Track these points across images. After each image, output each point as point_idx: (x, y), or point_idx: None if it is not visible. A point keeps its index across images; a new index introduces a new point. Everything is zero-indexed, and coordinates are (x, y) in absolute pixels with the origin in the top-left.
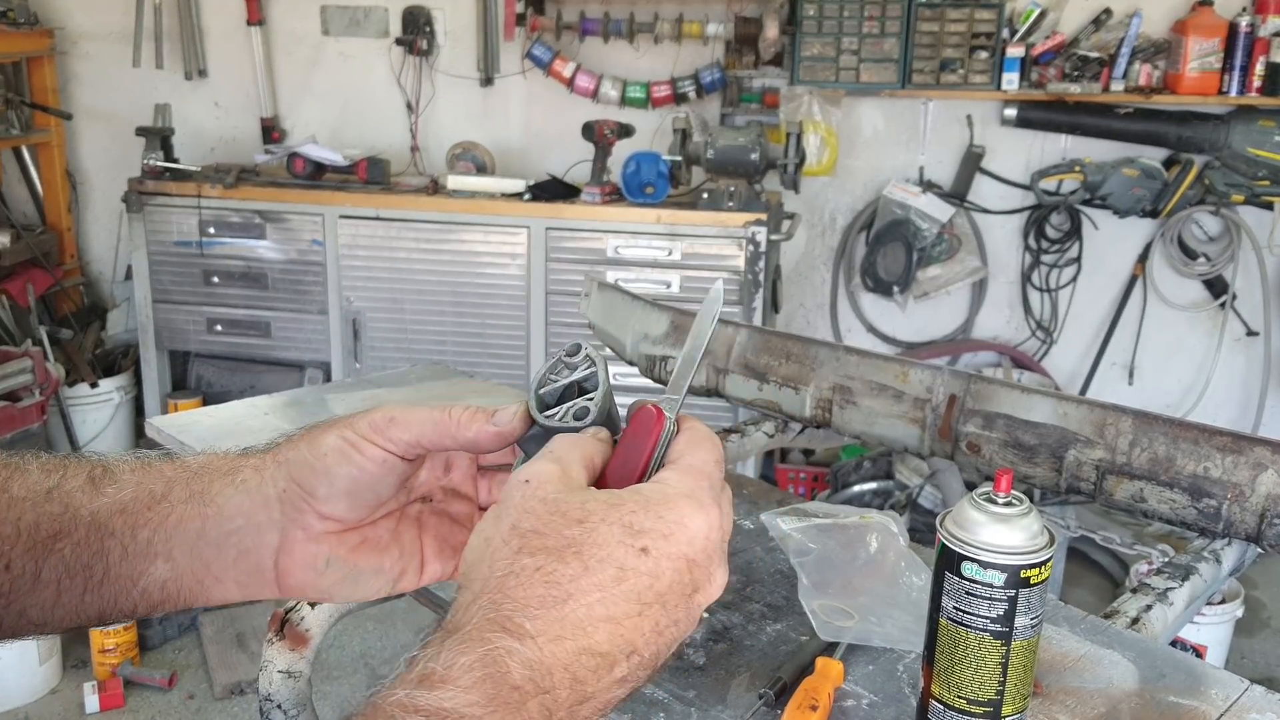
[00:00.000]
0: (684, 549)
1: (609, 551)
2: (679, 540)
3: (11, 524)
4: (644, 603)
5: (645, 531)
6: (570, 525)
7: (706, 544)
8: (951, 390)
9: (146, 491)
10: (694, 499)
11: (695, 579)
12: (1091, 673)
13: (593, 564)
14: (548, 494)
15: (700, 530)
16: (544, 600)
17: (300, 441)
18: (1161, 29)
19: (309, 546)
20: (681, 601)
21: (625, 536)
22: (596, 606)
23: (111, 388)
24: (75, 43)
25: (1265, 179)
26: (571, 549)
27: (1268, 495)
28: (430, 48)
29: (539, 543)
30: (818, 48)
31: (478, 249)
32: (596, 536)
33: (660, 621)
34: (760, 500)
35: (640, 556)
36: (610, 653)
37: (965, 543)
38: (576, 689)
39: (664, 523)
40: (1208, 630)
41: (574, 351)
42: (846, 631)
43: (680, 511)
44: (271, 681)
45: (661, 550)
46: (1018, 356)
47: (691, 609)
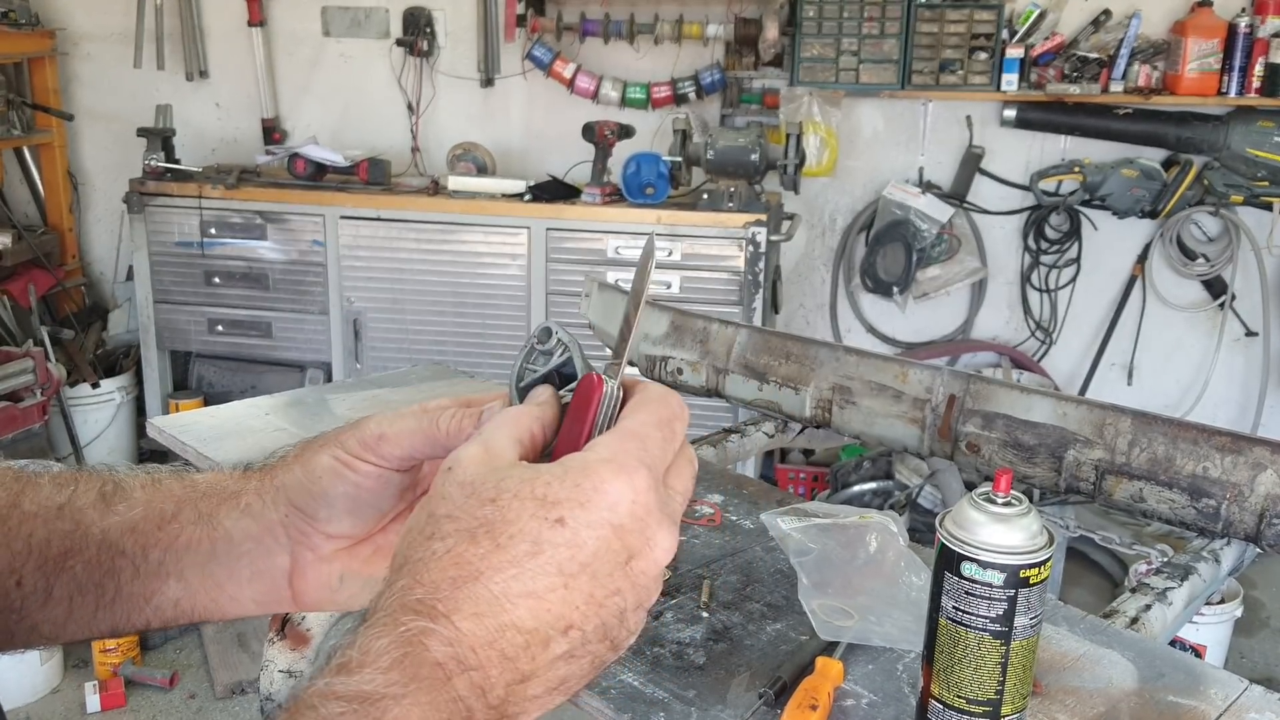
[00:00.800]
0: (605, 515)
1: (521, 526)
2: (597, 507)
3: (23, 540)
4: (567, 574)
5: (559, 502)
6: (483, 505)
7: (634, 508)
8: (951, 390)
9: (156, 511)
10: (614, 463)
11: (628, 545)
12: (1091, 672)
13: (504, 540)
14: (465, 477)
15: (624, 495)
16: (455, 581)
17: (294, 464)
18: (1161, 30)
19: (320, 567)
20: (616, 570)
21: (538, 509)
22: (512, 582)
23: (113, 388)
24: (77, 44)
25: (1264, 179)
26: (483, 528)
27: (1266, 495)
28: (431, 49)
29: (451, 526)
30: (817, 49)
31: (478, 249)
32: (508, 514)
33: (594, 592)
34: (760, 500)
35: (555, 528)
36: (537, 629)
37: (965, 542)
38: (509, 667)
39: (580, 491)
40: (1207, 630)
41: (545, 337)
42: (846, 631)
43: (598, 478)
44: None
45: (579, 519)
46: (1017, 357)
47: (634, 576)
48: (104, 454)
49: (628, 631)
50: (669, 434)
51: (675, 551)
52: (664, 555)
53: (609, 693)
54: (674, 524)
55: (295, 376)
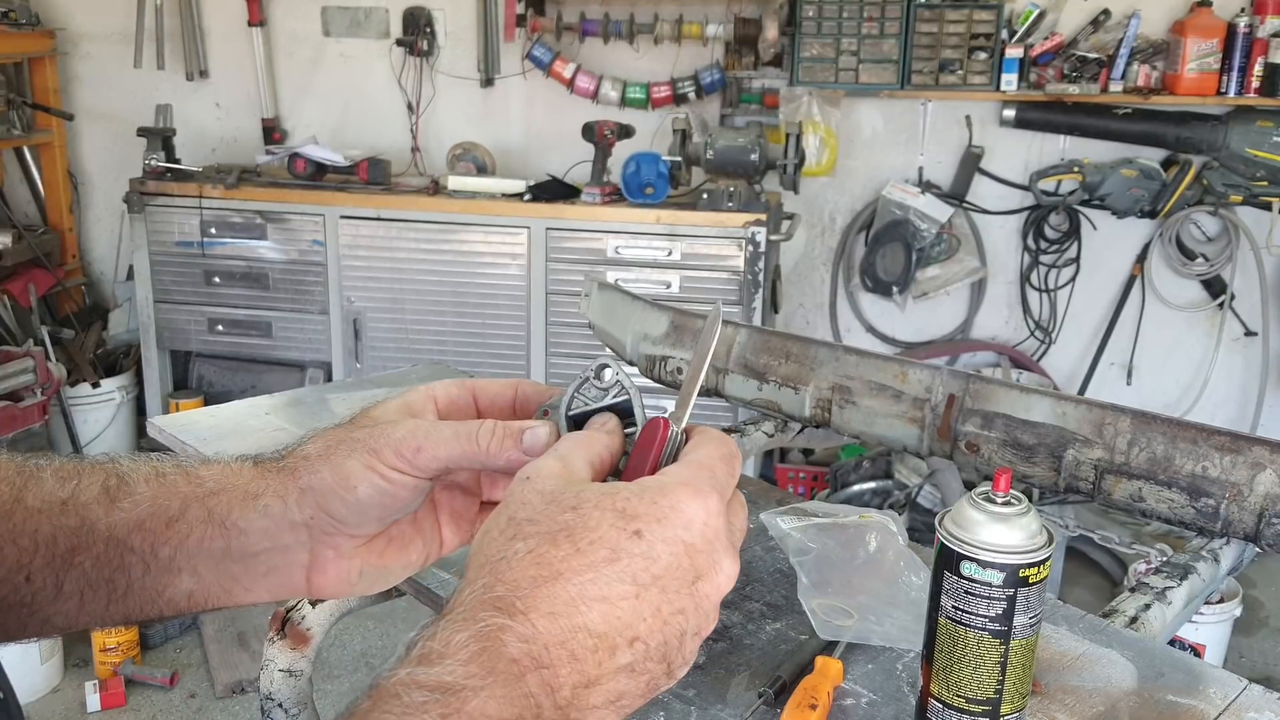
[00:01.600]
0: (680, 533)
1: (601, 534)
2: (674, 524)
3: (29, 536)
4: (640, 584)
5: (639, 516)
6: (564, 511)
7: (705, 530)
8: (950, 390)
9: (162, 508)
10: (690, 486)
11: (697, 565)
12: (1090, 671)
13: (584, 545)
14: (545, 487)
15: (697, 515)
16: (535, 580)
17: (322, 467)
18: (1160, 30)
19: (341, 563)
20: (684, 588)
21: (618, 520)
22: (589, 586)
23: (113, 387)
24: (77, 43)
25: (1263, 179)
26: (564, 532)
27: (1266, 495)
28: (431, 49)
29: (532, 529)
30: (817, 48)
31: (478, 249)
32: (589, 520)
33: (661, 607)
34: (760, 500)
35: (633, 539)
36: (607, 634)
37: (964, 542)
38: (577, 669)
39: (658, 508)
40: (1206, 629)
41: (601, 371)
42: (846, 630)
43: (675, 497)
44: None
45: (655, 534)
46: (1016, 356)
47: (698, 597)
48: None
49: (683, 659)
50: (730, 469)
51: (735, 581)
52: (727, 581)
53: None
54: (737, 554)
55: (295, 376)
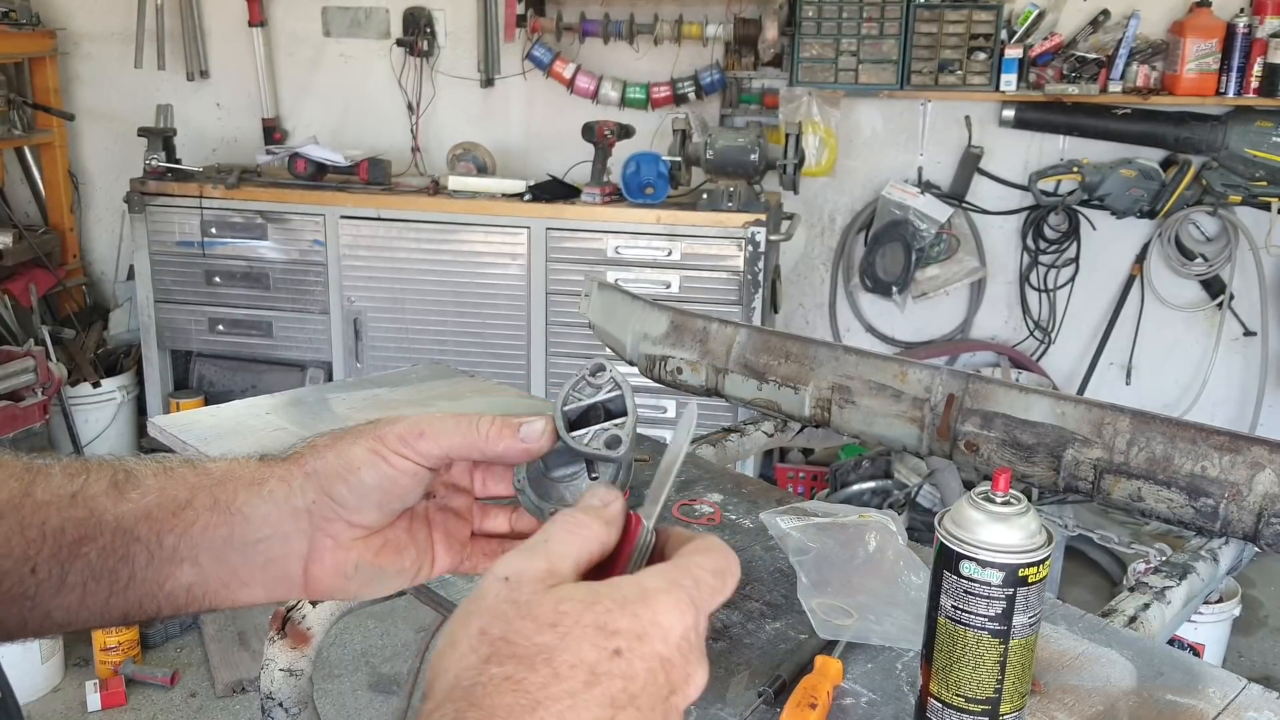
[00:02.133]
0: (659, 648)
1: (580, 655)
2: (653, 640)
3: (36, 528)
4: (617, 706)
5: (619, 632)
6: (542, 631)
7: (682, 644)
8: (950, 390)
9: (170, 498)
10: (671, 596)
11: (671, 679)
12: (1089, 671)
13: (563, 670)
14: (522, 596)
15: (675, 629)
16: (511, 709)
17: (327, 452)
18: (1159, 30)
19: (338, 554)
20: (658, 704)
21: (598, 638)
22: (567, 713)
23: (113, 387)
24: (77, 43)
25: (1263, 179)
26: (542, 656)
27: (1265, 494)
28: (431, 49)
29: (508, 650)
30: (817, 49)
31: (478, 249)
32: (569, 641)
33: None
34: (759, 499)
35: (613, 659)
36: None
37: (964, 542)
38: None
39: (639, 621)
40: (1205, 629)
41: (597, 371)
42: (845, 630)
43: (656, 609)
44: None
45: (635, 651)
46: (1016, 356)
47: (668, 711)
48: (105, 453)
49: None
50: (720, 585)
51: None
52: (695, 691)
53: None
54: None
55: (296, 376)
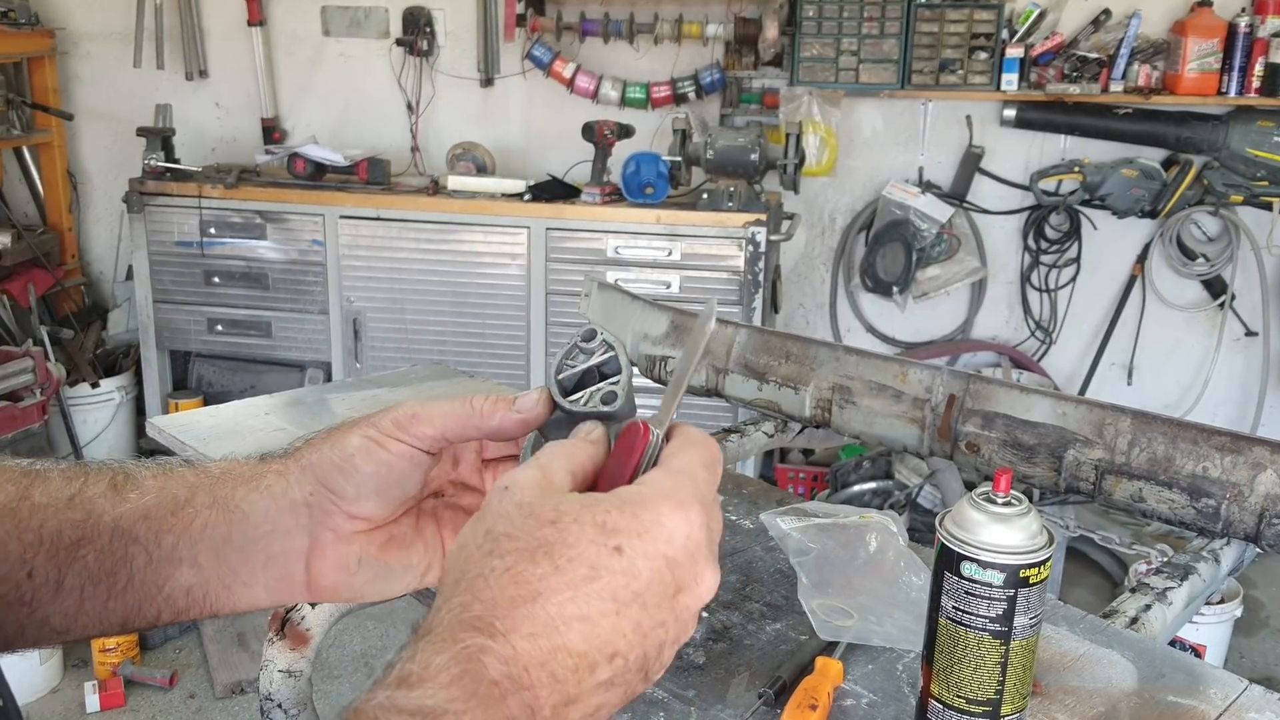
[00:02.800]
0: (661, 548)
1: (580, 550)
2: (655, 539)
3: (34, 531)
4: (620, 601)
5: (619, 530)
6: (542, 526)
7: (687, 543)
8: (951, 390)
9: (169, 497)
10: (672, 498)
11: (678, 579)
12: (1090, 672)
13: (563, 563)
14: (523, 499)
15: (679, 529)
16: (513, 600)
17: (323, 444)
18: (1160, 30)
19: (340, 547)
20: (665, 602)
21: (598, 535)
22: (568, 605)
23: (112, 388)
24: (76, 43)
25: (1264, 179)
26: (542, 549)
27: (1266, 495)
28: (430, 48)
29: (510, 545)
30: (817, 48)
31: (478, 249)
32: (568, 536)
33: (642, 622)
34: (760, 500)
35: (613, 555)
36: (587, 653)
37: (964, 542)
38: (557, 689)
39: (639, 521)
40: (1207, 630)
41: (589, 337)
42: (846, 631)
43: (657, 510)
44: (272, 681)
45: (636, 549)
46: (1017, 356)
47: (678, 610)
48: (103, 454)
49: (661, 665)
50: (712, 476)
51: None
52: (707, 592)
53: None
54: (717, 562)
55: (295, 376)
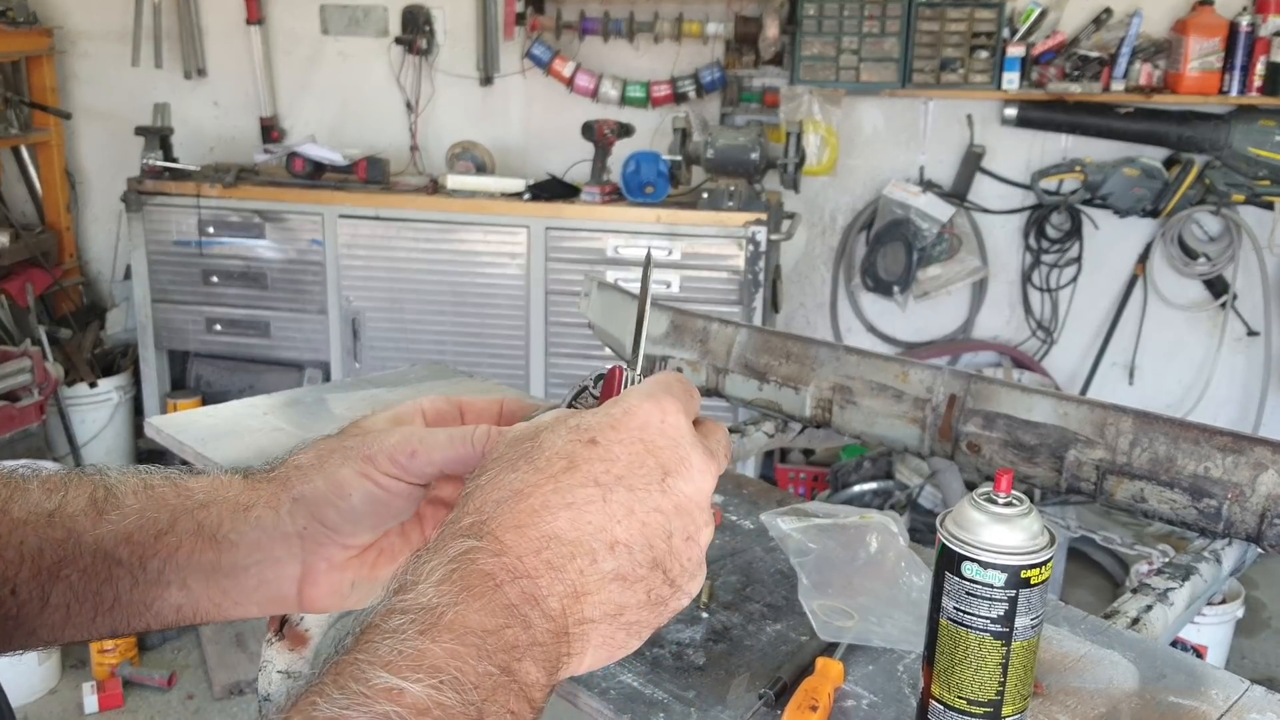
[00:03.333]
0: (635, 433)
1: (557, 449)
2: (627, 427)
3: (14, 548)
4: (603, 485)
5: (591, 427)
6: (523, 442)
7: (664, 426)
8: (951, 390)
9: (150, 520)
10: (641, 392)
11: (662, 462)
12: (1092, 673)
13: (541, 463)
14: (512, 435)
15: (652, 416)
16: (497, 502)
17: (315, 475)
18: (1162, 28)
19: (334, 575)
20: (652, 484)
21: (572, 435)
22: (551, 496)
23: (110, 387)
24: (74, 42)
25: (1266, 179)
26: (523, 458)
27: (1268, 495)
28: (430, 47)
29: (493, 464)
30: (818, 47)
31: (477, 249)
32: (544, 442)
33: (634, 507)
34: (760, 500)
35: (589, 446)
36: (580, 540)
37: (965, 543)
38: (559, 578)
39: (610, 416)
40: (1208, 630)
41: (598, 383)
42: (846, 632)
43: (627, 404)
44: (271, 681)
45: (610, 438)
46: (1018, 356)
47: (672, 495)
48: (102, 454)
49: (680, 566)
50: (686, 389)
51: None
52: (700, 477)
53: (608, 693)
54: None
55: (293, 376)
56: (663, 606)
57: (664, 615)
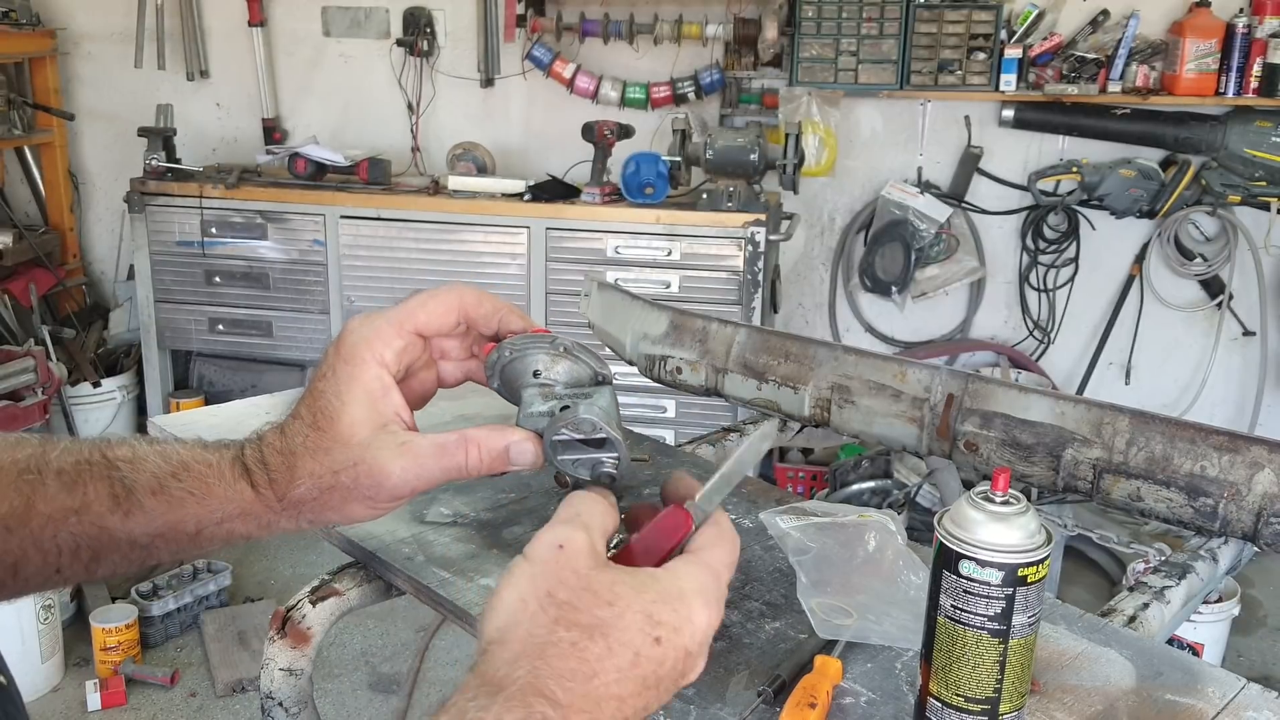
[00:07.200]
0: (687, 642)
1: (630, 637)
2: (686, 634)
3: (49, 541)
4: (646, 685)
5: (662, 623)
6: (601, 606)
7: (703, 638)
8: (949, 389)
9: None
10: (704, 596)
11: (687, 668)
12: (1089, 671)
13: (616, 647)
14: (580, 567)
15: (703, 627)
16: (575, 674)
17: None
18: (1159, 30)
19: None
20: (671, 687)
21: (645, 625)
22: (613, 685)
23: (114, 387)
24: (77, 43)
25: (1262, 179)
26: (600, 629)
27: (1264, 494)
28: (431, 49)
29: (573, 618)
30: (816, 49)
31: (478, 249)
32: (622, 622)
33: (650, 702)
34: (759, 499)
35: (654, 645)
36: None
37: (963, 541)
38: None
39: (678, 616)
40: (1204, 628)
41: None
42: (845, 630)
43: (692, 608)
44: (273, 679)
45: (671, 642)
46: (1015, 356)
47: (674, 690)
48: (90, 436)
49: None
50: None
51: None
52: (695, 677)
53: None
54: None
55: (296, 375)
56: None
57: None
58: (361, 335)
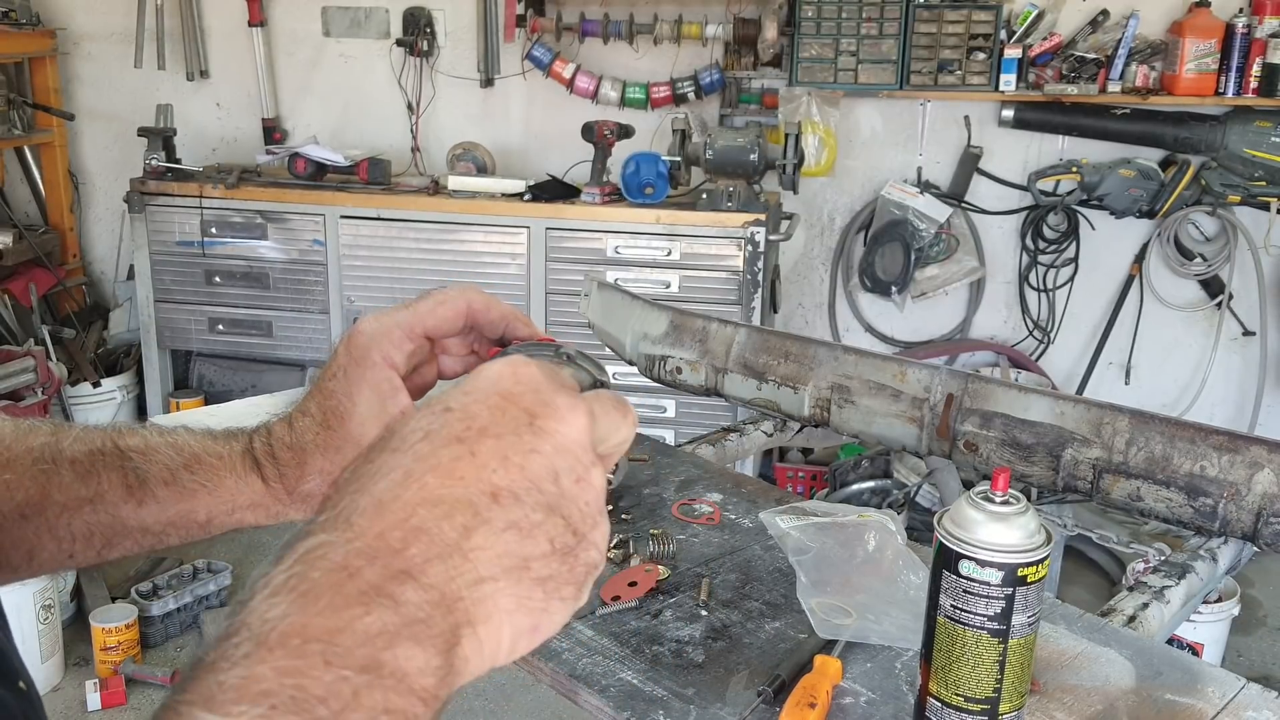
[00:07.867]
0: (489, 388)
1: (413, 425)
2: (479, 389)
3: (64, 528)
4: (467, 441)
5: (444, 397)
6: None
7: (518, 376)
8: (949, 389)
9: (188, 516)
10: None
11: (525, 407)
12: (1088, 670)
13: (396, 443)
14: None
15: (504, 371)
16: (354, 492)
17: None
18: (1158, 30)
19: None
20: (522, 429)
21: (426, 410)
22: (413, 465)
23: (113, 387)
24: (77, 43)
25: (1261, 179)
26: (377, 448)
27: (1264, 494)
28: (431, 49)
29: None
30: (816, 49)
31: (478, 249)
32: (396, 427)
33: (508, 454)
34: (759, 499)
35: (443, 414)
36: (455, 496)
37: (963, 541)
38: (435, 540)
39: (461, 384)
40: (1204, 628)
41: None
42: (845, 629)
43: (477, 371)
44: None
45: (462, 402)
46: (1015, 356)
47: (545, 435)
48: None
49: (579, 511)
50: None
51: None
52: (570, 414)
53: (608, 690)
54: (579, 399)
55: (296, 375)
56: (572, 558)
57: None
58: (372, 337)
